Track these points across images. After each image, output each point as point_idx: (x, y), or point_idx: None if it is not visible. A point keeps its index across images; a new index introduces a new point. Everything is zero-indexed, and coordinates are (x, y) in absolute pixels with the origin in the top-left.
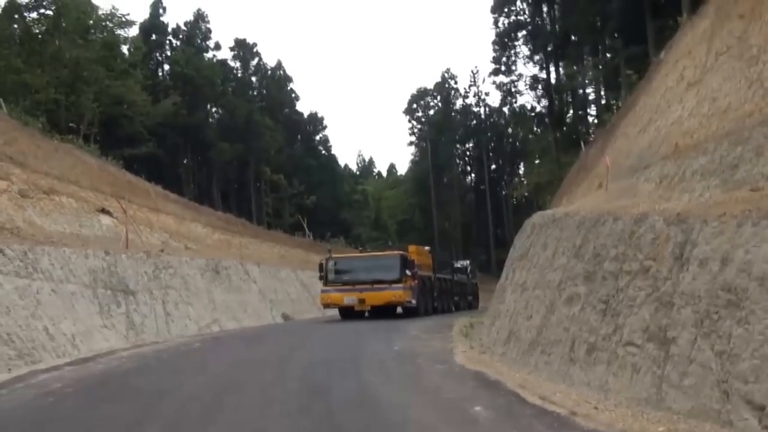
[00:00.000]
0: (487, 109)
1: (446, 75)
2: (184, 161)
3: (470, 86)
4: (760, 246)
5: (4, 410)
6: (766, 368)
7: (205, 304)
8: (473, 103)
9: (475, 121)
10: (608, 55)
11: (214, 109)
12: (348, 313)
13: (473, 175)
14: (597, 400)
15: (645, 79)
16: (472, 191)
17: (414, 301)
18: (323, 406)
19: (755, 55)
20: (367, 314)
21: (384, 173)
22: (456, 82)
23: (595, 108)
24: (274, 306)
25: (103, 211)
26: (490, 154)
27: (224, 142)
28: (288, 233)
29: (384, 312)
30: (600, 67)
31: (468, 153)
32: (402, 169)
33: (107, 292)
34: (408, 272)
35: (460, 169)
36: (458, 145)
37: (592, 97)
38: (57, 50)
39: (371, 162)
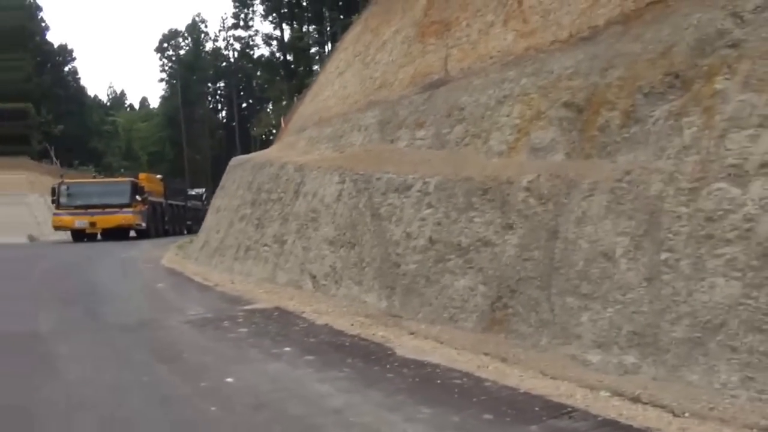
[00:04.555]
0: (236, 53)
1: (197, 18)
2: None
3: (220, 31)
4: (327, 187)
5: None
6: (319, 254)
7: None
8: (223, 47)
9: (225, 63)
10: (327, 23)
11: None
12: (80, 236)
13: (224, 112)
14: (239, 281)
15: (329, 57)
16: (223, 128)
17: (144, 224)
18: (61, 287)
19: (369, 61)
20: (99, 237)
21: (136, 106)
22: (206, 26)
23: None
24: (20, 228)
25: None
26: (241, 93)
27: None
28: (36, 161)
29: (117, 234)
30: (320, 33)
31: (219, 92)
32: (154, 102)
33: None
34: (138, 198)
35: (211, 106)
36: (210, 84)
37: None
38: None
39: (122, 94)
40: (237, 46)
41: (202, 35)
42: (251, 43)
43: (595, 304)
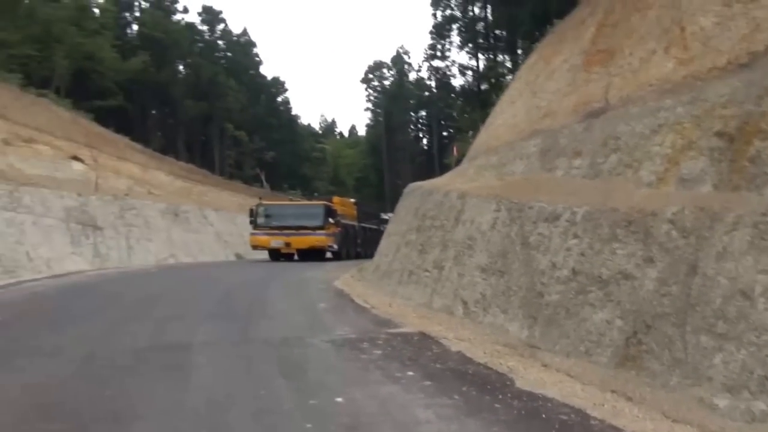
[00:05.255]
0: (439, 82)
1: (400, 50)
2: (152, 114)
3: (423, 61)
4: (484, 214)
5: (15, 299)
6: (471, 281)
7: (163, 241)
8: (426, 77)
9: (427, 93)
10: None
11: (180, 67)
12: (276, 255)
13: (426, 140)
14: (397, 304)
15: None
16: (424, 155)
17: (336, 246)
18: (232, 302)
19: (537, 90)
20: (296, 257)
21: (345, 133)
22: (409, 57)
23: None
24: (229, 246)
25: (75, 158)
26: (442, 122)
27: (189, 99)
28: (248, 184)
29: (312, 255)
30: (514, 62)
31: (421, 120)
32: (362, 130)
33: (78, 227)
34: (331, 220)
35: (413, 134)
36: (412, 113)
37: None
38: (30, 8)
39: (333, 123)
40: (438, 75)
41: (406, 66)
42: (448, 73)
43: (730, 344)
